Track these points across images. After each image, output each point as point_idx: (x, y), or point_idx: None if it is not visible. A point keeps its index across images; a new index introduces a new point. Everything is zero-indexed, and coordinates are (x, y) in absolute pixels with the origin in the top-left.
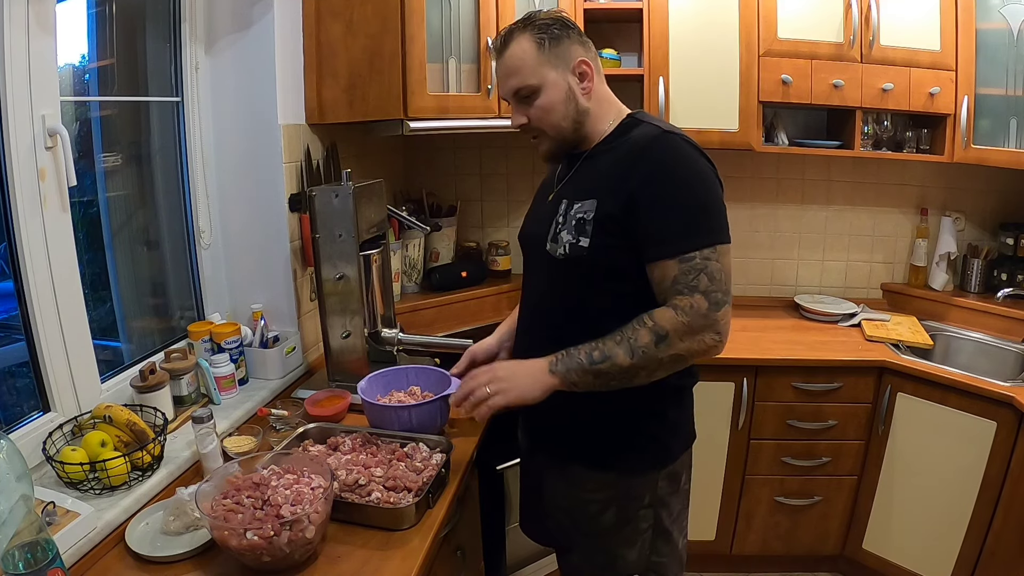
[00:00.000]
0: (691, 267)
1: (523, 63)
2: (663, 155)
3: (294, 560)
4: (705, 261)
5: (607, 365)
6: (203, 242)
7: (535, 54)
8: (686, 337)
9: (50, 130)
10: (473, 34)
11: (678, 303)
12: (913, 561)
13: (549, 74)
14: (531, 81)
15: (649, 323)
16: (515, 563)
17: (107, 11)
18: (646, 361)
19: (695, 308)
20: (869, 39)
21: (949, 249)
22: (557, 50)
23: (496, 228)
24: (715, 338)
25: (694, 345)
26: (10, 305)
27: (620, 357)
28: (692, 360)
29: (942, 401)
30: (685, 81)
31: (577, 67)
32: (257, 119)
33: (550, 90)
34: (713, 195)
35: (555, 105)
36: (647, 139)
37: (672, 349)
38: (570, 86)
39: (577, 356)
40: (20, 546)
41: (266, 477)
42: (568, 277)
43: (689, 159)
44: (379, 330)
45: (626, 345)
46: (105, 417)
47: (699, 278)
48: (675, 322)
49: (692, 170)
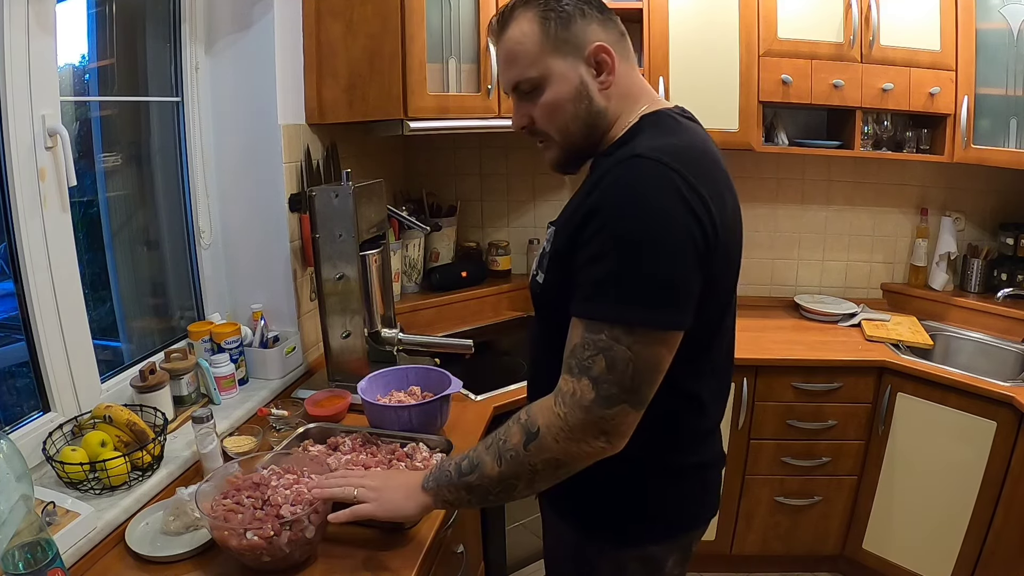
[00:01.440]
0: (593, 341)
1: (523, 49)
2: (618, 188)
3: (294, 560)
4: (612, 342)
5: (475, 477)
6: (203, 242)
7: (538, 38)
8: (561, 436)
9: (50, 130)
10: (473, 34)
11: (561, 387)
12: (913, 561)
13: (555, 64)
14: (532, 73)
15: (523, 418)
16: (515, 563)
17: (107, 11)
18: (516, 468)
19: (576, 398)
20: (869, 39)
21: (949, 249)
22: (567, 33)
23: (496, 228)
24: (601, 443)
25: (572, 448)
26: (10, 305)
27: (487, 465)
28: (579, 466)
29: (942, 401)
30: (685, 81)
31: (593, 54)
32: (257, 119)
33: (557, 84)
34: (666, 259)
35: (562, 103)
36: (616, 161)
37: (544, 452)
38: (582, 80)
39: (447, 467)
40: (20, 546)
41: (266, 477)
42: (539, 313)
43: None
44: (379, 330)
45: (495, 449)
46: (105, 417)
47: (595, 360)
48: (549, 416)
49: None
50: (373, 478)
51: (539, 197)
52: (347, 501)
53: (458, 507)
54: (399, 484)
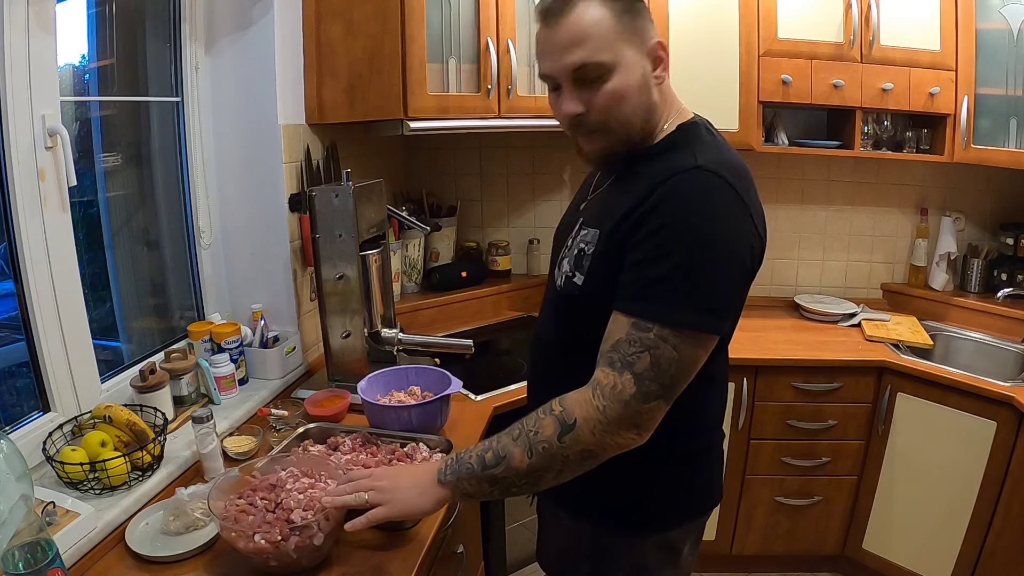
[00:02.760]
0: (640, 339)
1: (596, 33)
2: (681, 197)
3: (302, 566)
4: (659, 341)
5: (502, 469)
6: (203, 242)
7: (612, 24)
8: (598, 428)
9: (50, 130)
10: (473, 34)
11: (600, 379)
12: (913, 561)
13: (627, 52)
14: (604, 57)
15: (556, 409)
16: (515, 563)
17: (107, 11)
18: (547, 460)
19: (616, 391)
20: (869, 39)
21: (949, 249)
22: (635, 24)
23: (496, 228)
24: (633, 436)
25: (607, 440)
26: (10, 305)
27: (516, 457)
28: (605, 457)
29: (942, 401)
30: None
31: (653, 50)
32: (257, 119)
33: (626, 72)
34: (727, 270)
35: (630, 92)
36: (673, 170)
37: (579, 444)
38: (645, 71)
39: (467, 462)
40: (20, 546)
41: (283, 479)
42: (560, 311)
43: (723, 217)
44: (379, 330)
45: (524, 441)
46: (105, 417)
47: (639, 357)
48: (587, 408)
49: (711, 227)
50: (381, 478)
51: (539, 197)
52: (360, 508)
53: (477, 499)
54: (410, 482)
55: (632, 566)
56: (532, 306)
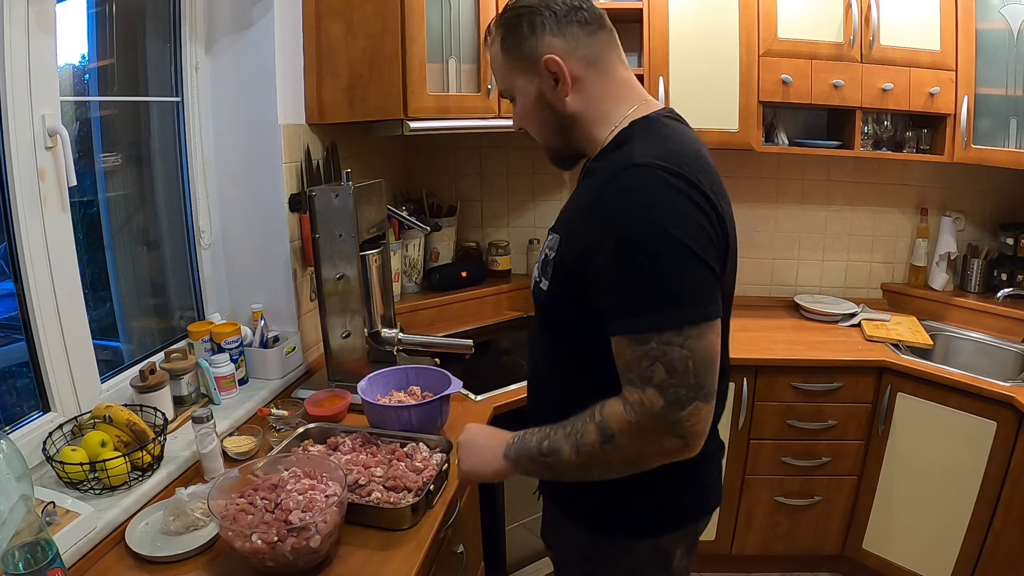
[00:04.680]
0: (645, 352)
1: (495, 67)
2: (624, 198)
3: (298, 568)
4: (664, 347)
5: (554, 460)
6: (203, 242)
7: (502, 59)
8: (636, 440)
9: (50, 130)
10: (473, 34)
11: (628, 398)
12: (913, 561)
13: (517, 80)
14: (505, 87)
15: (598, 418)
16: (515, 563)
17: (107, 11)
18: (593, 461)
19: (646, 407)
20: (869, 39)
21: (949, 249)
22: (519, 52)
23: (496, 228)
24: (677, 443)
25: (648, 448)
26: (10, 305)
27: (566, 452)
28: (653, 464)
29: (942, 401)
30: (685, 81)
31: (546, 66)
32: (257, 119)
33: (521, 96)
34: (686, 256)
35: (528, 113)
36: (614, 172)
37: (620, 451)
38: (541, 91)
39: (528, 445)
40: (20, 546)
41: (285, 479)
42: (540, 316)
43: (660, 208)
44: (379, 330)
45: (573, 440)
46: (105, 417)
47: (654, 368)
48: (622, 421)
49: (660, 224)
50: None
51: (539, 197)
52: None
53: (536, 477)
54: (483, 446)
55: (623, 570)
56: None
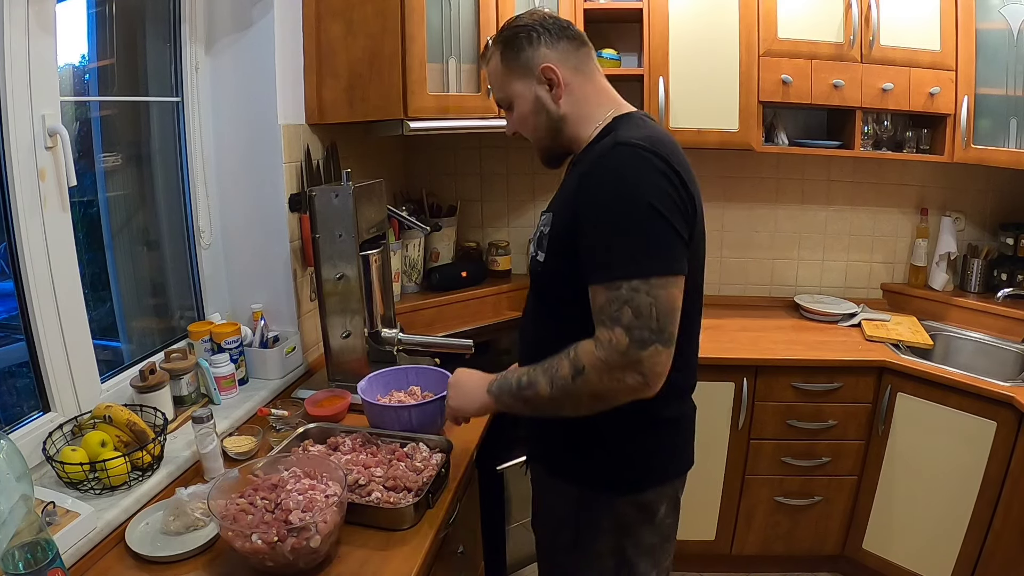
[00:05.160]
0: (616, 296)
1: (494, 77)
2: (605, 171)
3: (298, 568)
4: (632, 293)
5: (531, 393)
6: (203, 242)
7: (500, 69)
8: (603, 375)
9: (50, 130)
10: (473, 34)
11: (599, 336)
12: (913, 561)
13: (515, 86)
14: (504, 95)
15: (572, 355)
16: (515, 563)
17: (107, 11)
18: (564, 395)
19: (613, 344)
20: (869, 39)
21: (949, 249)
22: (518, 62)
23: (496, 228)
24: (638, 379)
25: (612, 384)
26: (10, 305)
27: (541, 386)
28: (617, 401)
29: (942, 401)
30: (685, 81)
31: (543, 73)
32: (257, 119)
33: (520, 101)
34: (657, 220)
35: (525, 117)
36: (600, 152)
37: (588, 385)
38: (537, 96)
39: (508, 380)
40: (20, 546)
41: (285, 479)
42: (535, 288)
43: (635, 177)
44: (379, 330)
45: (549, 375)
46: (105, 417)
47: (622, 310)
48: (592, 357)
49: (634, 190)
50: (456, 375)
51: (539, 197)
52: None
53: (515, 413)
54: (469, 386)
55: (612, 524)
56: None
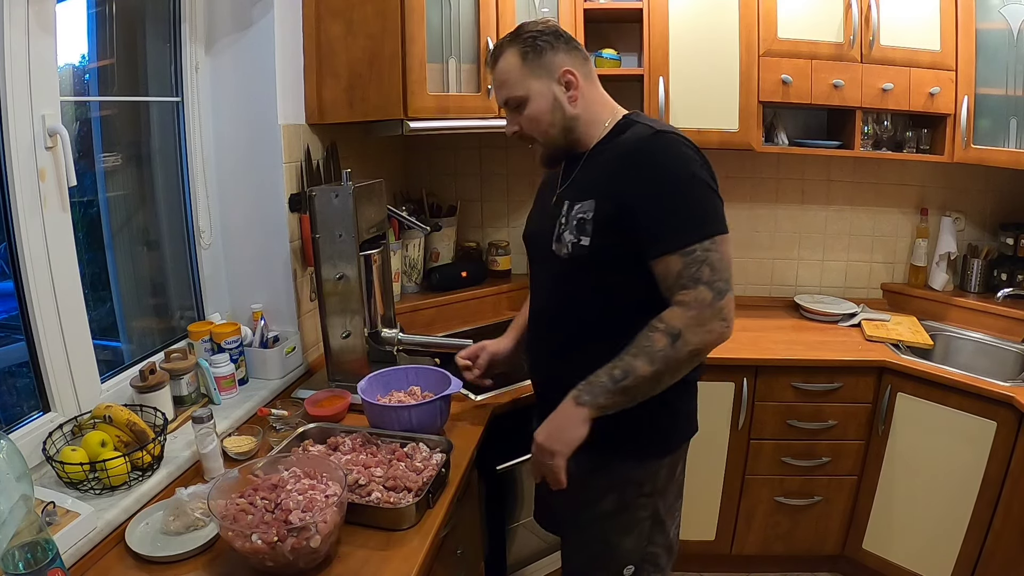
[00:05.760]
0: (693, 259)
1: (509, 75)
2: (656, 154)
3: (298, 568)
4: (706, 252)
5: (631, 380)
6: (203, 242)
7: (519, 66)
8: (698, 330)
9: (50, 130)
10: (473, 34)
11: (683, 298)
12: (913, 561)
13: (533, 85)
14: (517, 92)
15: (661, 326)
16: (515, 563)
17: (107, 11)
18: (667, 363)
19: (700, 300)
20: (869, 39)
21: (949, 249)
22: (540, 61)
23: (496, 228)
24: (723, 325)
25: (706, 336)
26: (10, 305)
27: (641, 368)
28: (708, 352)
29: (942, 401)
30: (685, 81)
31: (562, 76)
32: (257, 119)
33: (536, 100)
34: (707, 189)
35: (541, 114)
36: (640, 139)
37: (688, 345)
38: (555, 95)
39: (599, 381)
40: (20, 546)
41: (285, 479)
42: (571, 275)
43: (682, 157)
44: (379, 330)
45: (644, 355)
46: (105, 417)
47: (701, 270)
48: (685, 318)
49: (685, 168)
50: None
51: None
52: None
53: (612, 410)
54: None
55: (649, 487)
56: None
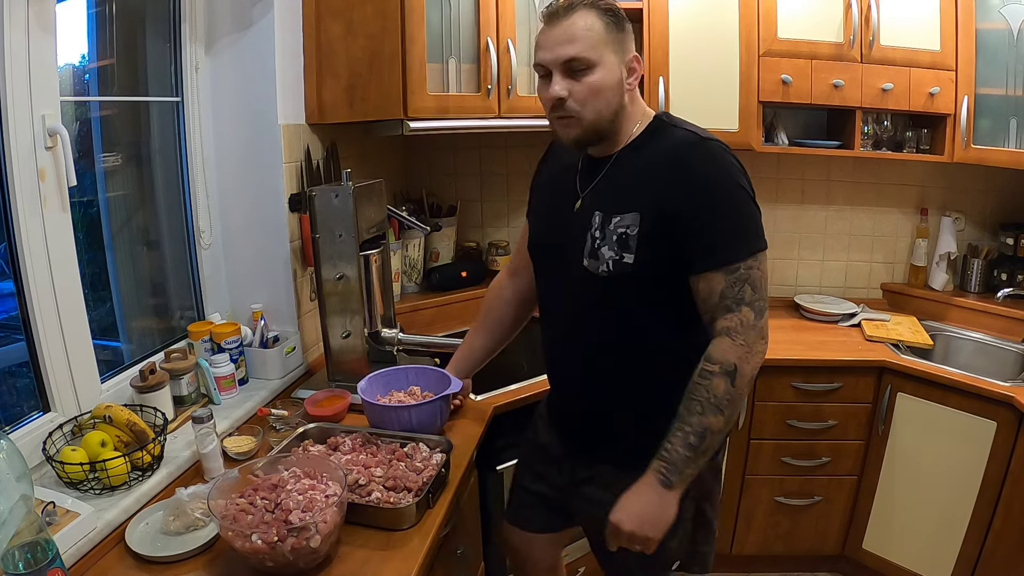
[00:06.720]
0: (736, 278)
1: (588, 35)
2: (705, 165)
3: (298, 568)
4: (748, 271)
5: (708, 440)
6: (203, 242)
7: (601, 31)
8: (749, 358)
9: (50, 130)
10: (473, 34)
11: (727, 324)
12: (913, 561)
13: (609, 56)
14: (591, 55)
15: (715, 368)
16: None
17: (107, 11)
18: (732, 405)
19: (745, 323)
20: (869, 39)
21: (949, 249)
22: (620, 36)
23: (496, 228)
24: (764, 344)
25: (756, 361)
26: (10, 305)
27: (713, 423)
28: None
29: (942, 401)
30: (685, 81)
31: (631, 61)
32: (257, 119)
33: (605, 71)
34: (750, 201)
35: (606, 88)
36: (686, 147)
37: (744, 377)
38: (621, 76)
39: (677, 454)
40: (20, 546)
41: (285, 479)
42: (610, 293)
43: (730, 168)
44: (379, 330)
45: (710, 408)
46: (105, 417)
47: (743, 290)
48: (736, 351)
49: (733, 180)
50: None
51: None
52: None
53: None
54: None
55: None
56: None
